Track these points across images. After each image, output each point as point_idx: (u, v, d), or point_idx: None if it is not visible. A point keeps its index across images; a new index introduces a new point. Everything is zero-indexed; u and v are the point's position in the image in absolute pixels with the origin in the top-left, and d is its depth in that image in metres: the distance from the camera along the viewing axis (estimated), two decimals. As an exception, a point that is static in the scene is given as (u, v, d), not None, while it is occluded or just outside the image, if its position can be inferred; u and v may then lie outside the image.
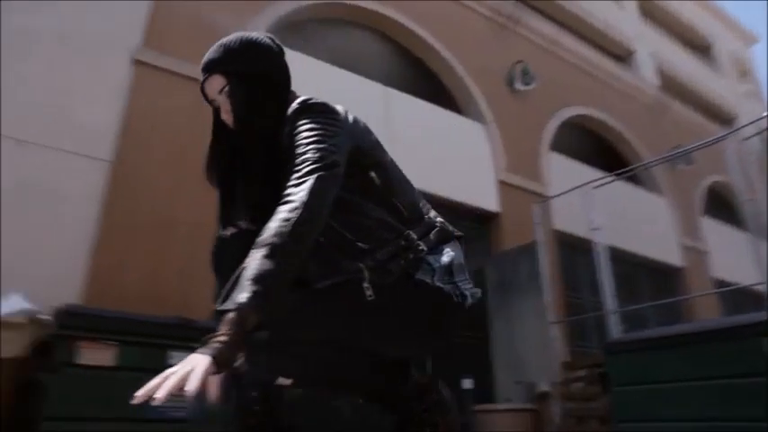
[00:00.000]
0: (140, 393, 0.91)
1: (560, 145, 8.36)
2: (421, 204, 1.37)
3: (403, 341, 1.26)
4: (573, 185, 5.53)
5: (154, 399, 0.90)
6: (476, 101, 7.49)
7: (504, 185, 7.21)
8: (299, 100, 1.30)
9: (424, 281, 1.19)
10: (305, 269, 1.17)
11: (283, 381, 1.19)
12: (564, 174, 7.51)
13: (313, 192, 1.11)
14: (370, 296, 1.13)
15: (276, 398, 1.26)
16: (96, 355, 2.99)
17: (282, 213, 1.09)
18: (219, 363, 0.97)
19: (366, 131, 1.36)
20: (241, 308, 1.00)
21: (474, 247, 7.03)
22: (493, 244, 6.98)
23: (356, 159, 1.27)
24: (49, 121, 4.39)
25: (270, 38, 1.48)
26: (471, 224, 7.10)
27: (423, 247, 1.22)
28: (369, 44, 7.36)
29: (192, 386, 0.90)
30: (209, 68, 1.39)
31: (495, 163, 7.31)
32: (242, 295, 1.01)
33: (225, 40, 1.41)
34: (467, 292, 1.25)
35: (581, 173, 6.95)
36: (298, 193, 1.11)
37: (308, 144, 1.18)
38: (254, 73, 1.37)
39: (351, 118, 1.33)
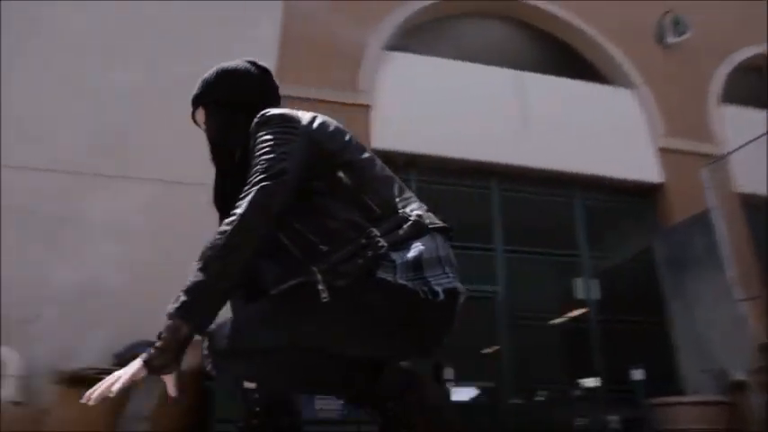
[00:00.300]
0: (86, 395, 1.08)
1: (735, 95, 7.21)
2: (398, 199, 1.31)
3: (369, 342, 1.22)
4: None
5: (89, 399, 1.05)
6: (620, 66, 6.83)
7: (665, 152, 6.44)
8: (259, 114, 1.32)
9: (385, 279, 1.14)
10: (266, 274, 1.20)
11: (248, 385, 1.24)
12: (745, 127, 6.44)
13: (252, 202, 1.15)
14: (325, 298, 1.13)
15: (278, 398, 1.29)
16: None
17: (222, 226, 1.15)
18: (151, 367, 1.10)
19: (336, 133, 1.35)
20: (171, 317, 1.10)
21: (637, 224, 6.40)
22: (660, 218, 6.26)
23: (322, 161, 1.28)
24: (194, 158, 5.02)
25: (250, 62, 1.55)
26: (632, 199, 6.48)
27: (383, 243, 1.16)
28: (495, 31, 7.14)
29: (114, 388, 1.06)
30: (193, 103, 1.52)
31: (651, 129, 6.57)
32: (172, 306, 1.10)
33: (205, 74, 1.53)
34: (438, 288, 1.17)
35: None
36: (240, 205, 1.16)
37: (259, 156, 1.22)
38: (229, 100, 1.45)
39: (317, 123, 1.33)
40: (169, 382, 1.15)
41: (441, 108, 5.87)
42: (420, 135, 5.66)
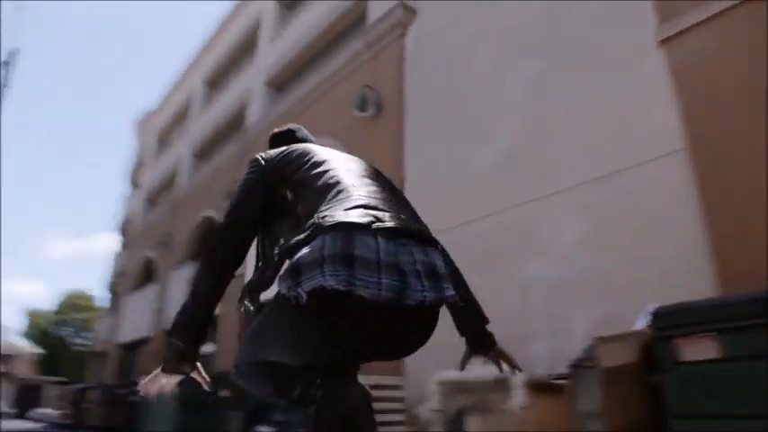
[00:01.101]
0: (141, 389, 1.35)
1: None
2: (326, 204, 1.28)
3: (283, 350, 1.27)
4: None
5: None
6: None
7: None
8: None
9: (279, 291, 1.19)
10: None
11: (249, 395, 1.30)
12: None
13: (210, 240, 1.40)
14: (251, 312, 1.30)
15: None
16: (696, 349, 2.90)
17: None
18: (166, 370, 1.31)
19: (301, 156, 1.46)
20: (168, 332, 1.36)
21: None
22: None
23: (282, 185, 1.42)
24: (619, 145, 4.78)
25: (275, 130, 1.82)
26: None
27: (277, 253, 1.25)
28: None
29: (147, 390, 1.32)
30: None
31: None
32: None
33: None
34: (301, 291, 1.11)
35: None
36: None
37: None
38: None
39: (282, 154, 1.47)
40: (198, 378, 1.37)
41: None
42: None
